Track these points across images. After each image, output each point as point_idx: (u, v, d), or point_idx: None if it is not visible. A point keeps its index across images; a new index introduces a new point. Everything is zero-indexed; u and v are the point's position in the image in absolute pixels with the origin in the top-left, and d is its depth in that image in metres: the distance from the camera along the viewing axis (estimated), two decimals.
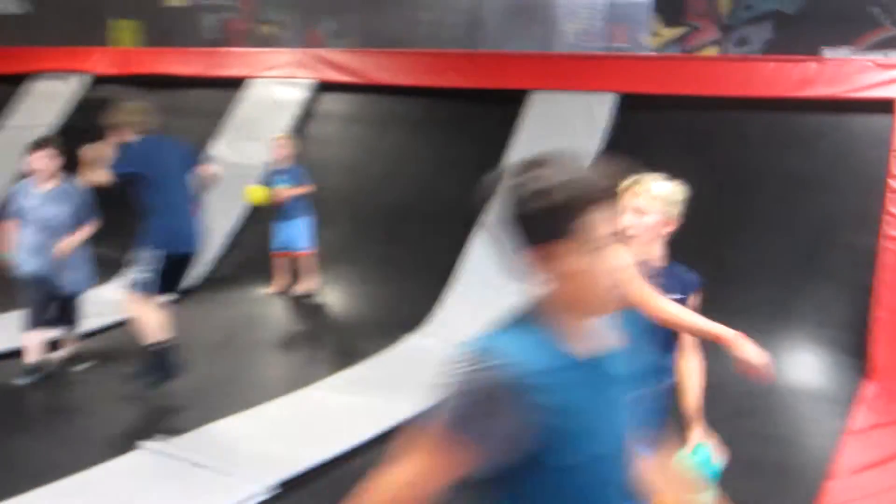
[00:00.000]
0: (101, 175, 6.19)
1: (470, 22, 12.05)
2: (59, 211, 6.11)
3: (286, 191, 8.37)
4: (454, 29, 13.51)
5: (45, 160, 6.04)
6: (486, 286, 7.68)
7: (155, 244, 6.24)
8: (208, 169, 6.87)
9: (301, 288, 8.50)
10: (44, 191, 6.07)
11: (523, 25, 13.27)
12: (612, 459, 1.96)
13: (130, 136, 6.25)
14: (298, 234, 8.39)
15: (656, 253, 3.65)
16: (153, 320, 6.28)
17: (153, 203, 6.25)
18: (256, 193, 7.21)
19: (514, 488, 1.89)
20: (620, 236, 3.10)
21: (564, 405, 1.80)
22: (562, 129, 8.73)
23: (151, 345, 6.21)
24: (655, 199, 3.59)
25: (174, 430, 5.46)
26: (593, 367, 1.90)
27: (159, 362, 6.23)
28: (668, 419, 3.38)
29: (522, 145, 8.86)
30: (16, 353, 6.56)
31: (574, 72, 9.56)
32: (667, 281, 3.60)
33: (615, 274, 1.89)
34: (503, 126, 9.03)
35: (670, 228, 3.65)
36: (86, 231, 6.01)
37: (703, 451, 3.60)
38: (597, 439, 1.88)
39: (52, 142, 6.00)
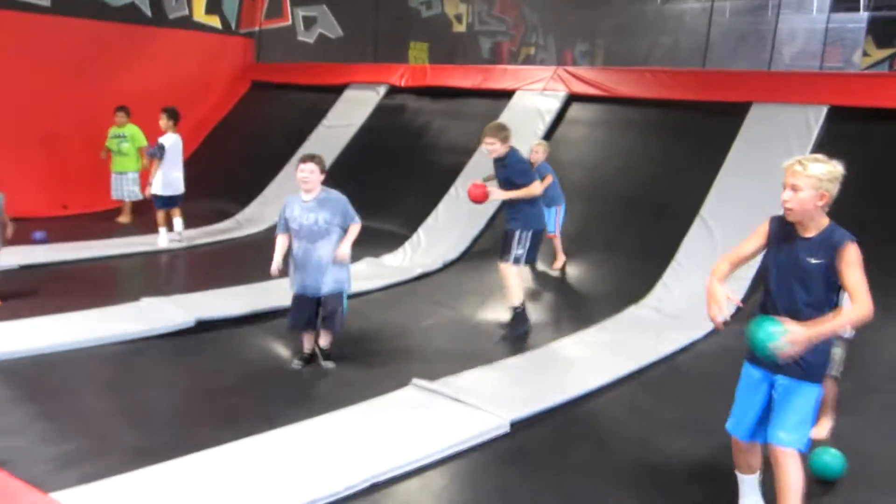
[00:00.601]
0: (500, 193, 6.74)
1: (700, 44, 11.74)
2: (326, 218, 5.64)
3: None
4: (687, 51, 13.20)
5: (313, 172, 5.73)
6: (699, 268, 7.54)
7: (525, 226, 6.66)
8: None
9: (556, 265, 8.48)
10: (310, 200, 5.69)
11: (747, 48, 12.81)
12: None
13: (507, 149, 6.67)
14: (547, 219, 8.25)
15: (812, 222, 3.51)
16: (518, 287, 6.81)
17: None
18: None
19: None
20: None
21: None
22: (776, 138, 8.39)
23: (516, 307, 6.78)
24: (811, 177, 3.44)
25: (441, 373, 5.59)
26: None
27: (521, 318, 6.79)
28: None
29: (741, 149, 8.59)
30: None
31: (790, 87, 9.11)
32: (808, 248, 3.49)
33: None
34: (725, 134, 8.78)
35: (825, 202, 3.48)
36: (353, 235, 5.76)
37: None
38: None
39: (317, 157, 5.99)
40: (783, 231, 3.56)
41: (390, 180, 10.61)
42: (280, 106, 13.00)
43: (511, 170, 6.70)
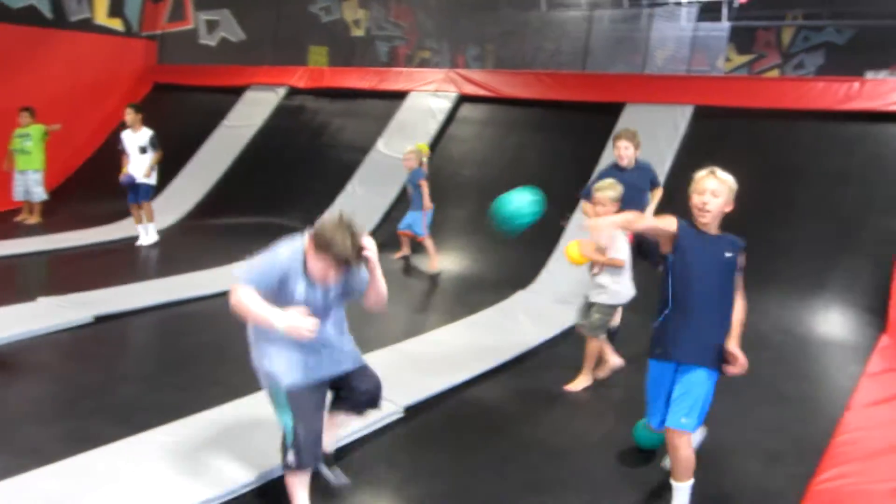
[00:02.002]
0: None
1: (580, 49, 11.96)
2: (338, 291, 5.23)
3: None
4: (569, 55, 13.42)
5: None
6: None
7: None
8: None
9: (432, 266, 8.38)
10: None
11: (623, 53, 13.10)
12: None
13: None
14: (416, 221, 8.34)
15: (717, 226, 3.68)
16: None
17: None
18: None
19: None
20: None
21: None
22: (648, 134, 8.62)
23: None
24: (724, 184, 3.64)
25: None
26: None
27: None
28: None
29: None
30: None
31: (660, 88, 9.40)
32: (722, 245, 3.66)
33: None
34: (602, 131, 8.96)
35: (730, 209, 3.68)
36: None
37: None
38: None
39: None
40: (695, 231, 3.64)
41: (290, 178, 10.51)
42: (182, 107, 12.71)
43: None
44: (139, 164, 9.12)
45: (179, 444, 4.12)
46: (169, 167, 11.31)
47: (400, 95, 10.89)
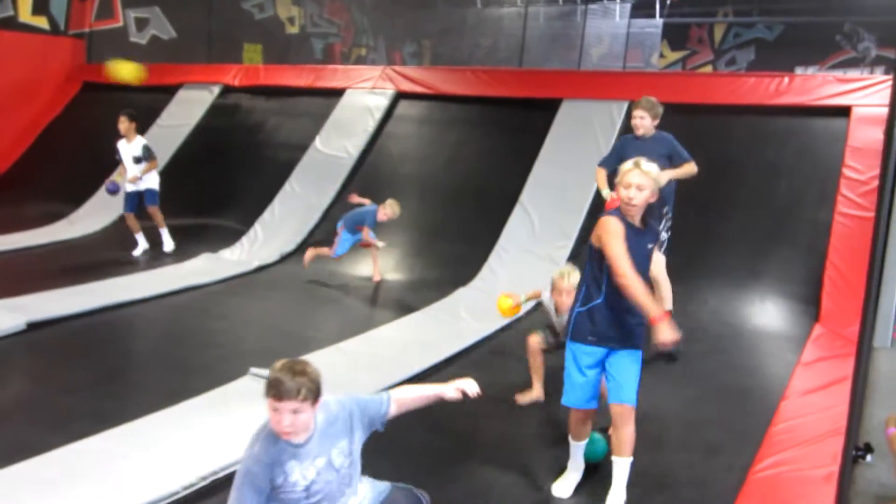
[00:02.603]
0: None
1: (517, 46, 12.03)
2: (344, 448, 4.96)
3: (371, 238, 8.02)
4: (505, 52, 13.49)
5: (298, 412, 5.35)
6: (520, 251, 7.75)
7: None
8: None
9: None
10: (305, 442, 5.24)
11: (559, 49, 13.23)
12: None
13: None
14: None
15: (639, 217, 3.74)
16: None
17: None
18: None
19: None
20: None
21: None
22: (585, 129, 8.76)
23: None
24: (648, 176, 3.66)
25: (276, 360, 5.44)
26: None
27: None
28: None
29: (553, 141, 8.89)
30: None
31: (596, 84, 9.51)
32: (645, 237, 3.77)
33: None
34: (539, 127, 9.07)
35: (654, 199, 3.71)
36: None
37: None
38: None
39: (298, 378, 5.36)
40: (627, 225, 3.67)
41: (227, 177, 10.35)
42: (113, 106, 12.28)
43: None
44: (133, 174, 8.94)
45: (118, 452, 4.02)
46: (101, 168, 11.08)
47: (337, 93, 10.80)
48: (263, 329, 6.55)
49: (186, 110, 11.65)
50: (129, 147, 8.97)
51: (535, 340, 5.03)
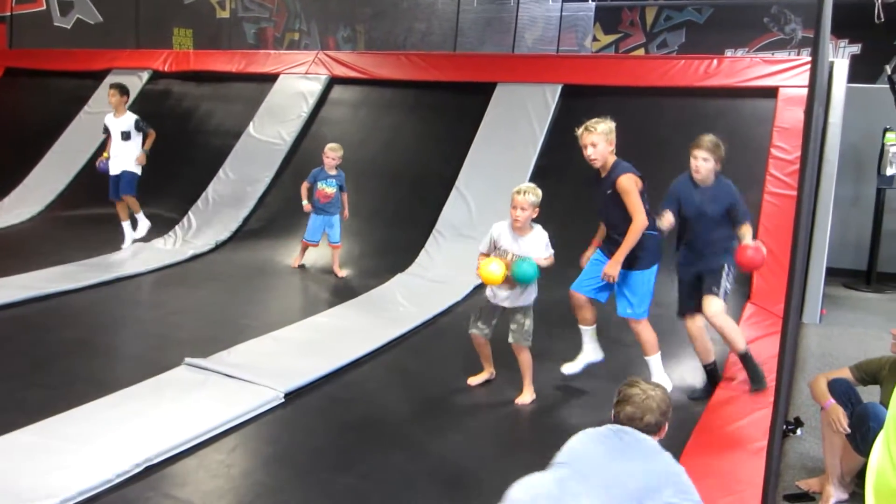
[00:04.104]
0: None
1: (451, 30, 11.99)
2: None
3: (330, 190, 7.74)
4: (439, 36, 13.43)
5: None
6: (458, 236, 7.75)
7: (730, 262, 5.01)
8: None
9: (340, 273, 7.82)
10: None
11: (493, 33, 13.22)
12: None
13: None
14: (333, 229, 7.81)
15: (606, 164, 4.76)
16: (738, 328, 5.29)
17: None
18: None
19: None
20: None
21: None
22: (520, 112, 8.77)
23: (745, 354, 5.04)
24: (601, 133, 4.68)
25: (214, 349, 5.38)
26: None
27: (753, 366, 5.03)
28: None
29: (489, 125, 8.89)
30: None
31: (530, 68, 9.53)
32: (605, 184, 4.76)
33: None
34: (474, 111, 9.06)
35: (613, 148, 4.75)
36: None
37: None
38: None
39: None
40: (595, 177, 4.80)
41: (158, 165, 10.04)
42: (37, 93, 12.04)
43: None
44: (121, 152, 8.34)
45: (47, 443, 3.93)
46: (28, 156, 10.76)
47: (270, 78, 10.65)
48: (198, 318, 6.43)
49: None
50: (116, 122, 8.43)
51: (475, 334, 4.98)
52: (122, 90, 8.53)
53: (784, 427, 4.04)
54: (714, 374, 5.15)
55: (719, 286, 4.91)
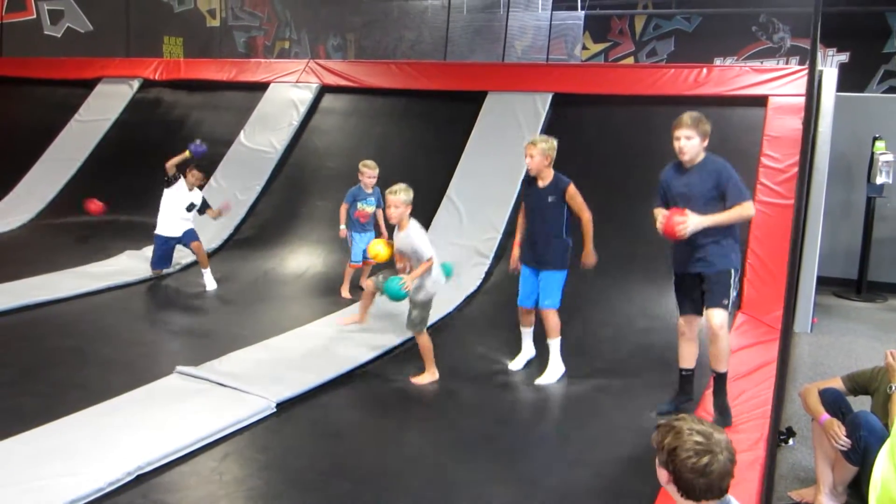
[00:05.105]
0: None
1: (441, 39, 12.00)
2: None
3: (370, 209, 7.41)
4: (429, 44, 13.46)
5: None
6: (449, 243, 7.73)
7: (737, 266, 4.71)
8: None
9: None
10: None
11: (483, 42, 13.25)
12: None
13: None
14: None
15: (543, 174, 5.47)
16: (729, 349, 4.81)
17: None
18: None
19: None
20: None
21: None
22: (511, 121, 8.78)
23: (722, 375, 4.69)
24: (539, 149, 5.39)
25: (206, 358, 5.36)
26: None
27: (723, 396, 4.71)
28: None
29: (479, 133, 8.89)
30: None
31: (521, 77, 9.54)
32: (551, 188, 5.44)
33: None
34: (465, 120, 9.06)
35: (549, 162, 5.45)
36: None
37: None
38: None
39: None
40: (528, 182, 5.60)
41: (149, 173, 10.03)
42: (27, 101, 11.99)
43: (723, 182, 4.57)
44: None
45: (38, 452, 3.91)
46: (19, 164, 10.71)
47: (260, 87, 10.62)
48: (189, 327, 6.41)
49: (105, 105, 11.32)
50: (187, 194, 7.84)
51: (369, 284, 5.84)
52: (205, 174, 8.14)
53: (777, 437, 4.04)
54: (687, 384, 4.91)
55: (728, 297, 4.56)
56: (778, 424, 3.16)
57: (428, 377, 5.38)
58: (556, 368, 5.48)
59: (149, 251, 8.48)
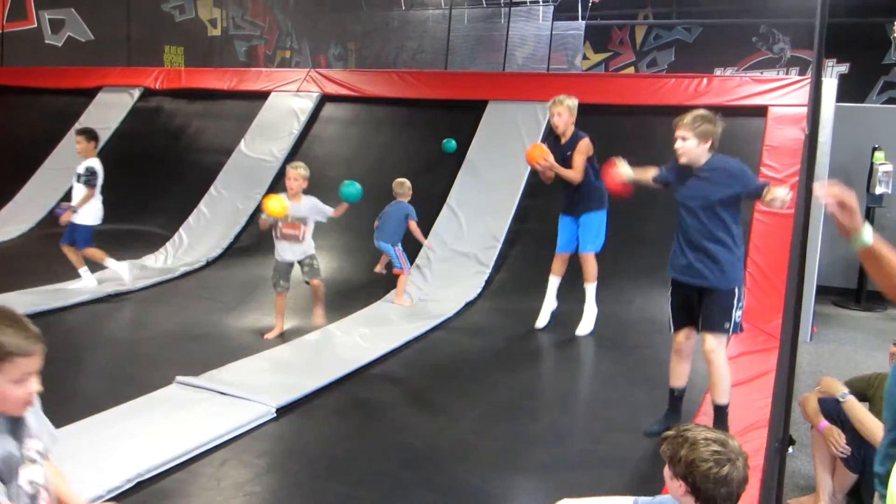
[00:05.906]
0: None
1: (442, 48, 12.05)
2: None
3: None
4: (430, 54, 13.52)
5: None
6: (449, 251, 7.75)
7: (742, 280, 4.49)
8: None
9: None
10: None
11: (484, 51, 13.30)
12: None
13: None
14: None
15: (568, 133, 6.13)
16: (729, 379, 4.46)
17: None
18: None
19: None
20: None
21: None
22: (511, 130, 8.82)
23: (723, 407, 4.43)
24: (569, 108, 6.12)
25: (206, 367, 5.37)
26: None
27: (722, 420, 4.42)
28: None
29: (480, 143, 8.93)
30: None
31: (521, 86, 9.58)
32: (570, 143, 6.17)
33: None
34: (466, 128, 9.11)
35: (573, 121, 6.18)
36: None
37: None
38: None
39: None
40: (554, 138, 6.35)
41: (149, 182, 10.13)
42: (28, 110, 12.03)
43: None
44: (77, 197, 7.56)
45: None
46: (19, 173, 10.74)
47: (261, 96, 10.67)
48: (190, 336, 6.42)
49: (106, 114, 11.35)
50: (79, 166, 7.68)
51: (280, 293, 6.44)
52: (89, 136, 7.79)
53: (776, 445, 4.05)
54: (677, 404, 4.65)
55: (731, 321, 4.26)
56: (786, 433, 3.17)
57: (320, 319, 6.46)
58: (591, 313, 6.26)
59: (148, 260, 8.52)
